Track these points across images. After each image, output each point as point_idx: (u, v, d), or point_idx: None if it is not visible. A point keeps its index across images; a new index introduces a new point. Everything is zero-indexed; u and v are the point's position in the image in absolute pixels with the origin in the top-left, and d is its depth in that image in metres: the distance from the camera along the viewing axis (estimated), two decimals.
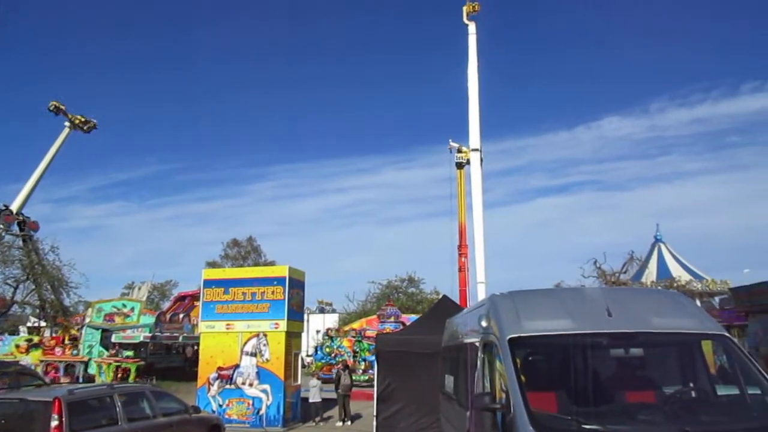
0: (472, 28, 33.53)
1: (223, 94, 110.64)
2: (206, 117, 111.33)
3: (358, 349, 29.86)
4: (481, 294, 29.03)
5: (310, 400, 17.08)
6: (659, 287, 30.78)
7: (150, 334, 28.29)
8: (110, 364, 24.66)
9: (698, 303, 29.57)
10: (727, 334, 5.26)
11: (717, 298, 32.47)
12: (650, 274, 35.83)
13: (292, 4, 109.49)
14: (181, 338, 31.31)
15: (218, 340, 16.58)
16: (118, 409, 8.74)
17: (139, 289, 39.65)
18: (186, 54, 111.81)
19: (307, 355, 35.89)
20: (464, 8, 33.55)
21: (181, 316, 32.36)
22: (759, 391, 4.73)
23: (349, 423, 16.38)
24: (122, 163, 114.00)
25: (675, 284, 32.79)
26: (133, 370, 24.74)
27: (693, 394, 5.53)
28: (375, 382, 12.56)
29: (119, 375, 24.03)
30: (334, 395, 17.24)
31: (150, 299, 46.30)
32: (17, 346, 26.91)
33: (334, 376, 18.19)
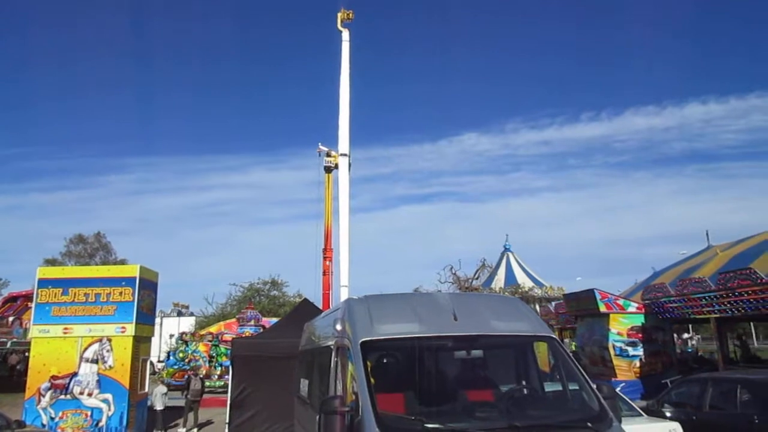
0: (345, 35, 33.94)
1: (75, 75, 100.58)
2: (51, 98, 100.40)
3: (214, 354, 28.67)
4: (345, 298, 29.33)
5: (155, 408, 16.12)
6: (506, 293, 33.30)
7: None
8: None
9: (537, 308, 32.58)
10: (554, 336, 5.84)
11: (554, 303, 35.84)
12: (499, 280, 38.63)
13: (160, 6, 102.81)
14: (9, 344, 27.90)
15: (53, 345, 14.99)
16: None
17: None
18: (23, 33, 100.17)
19: (159, 361, 33.77)
20: (339, 15, 33.99)
21: (10, 319, 28.83)
22: (577, 387, 5.33)
23: (195, 431, 15.74)
24: None
25: (519, 290, 35.70)
26: None
27: (525, 391, 6.05)
28: (229, 388, 12.18)
29: None
30: (182, 402, 16.49)
31: None
32: None
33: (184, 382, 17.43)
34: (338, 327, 5.74)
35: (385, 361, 5.73)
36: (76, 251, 53.39)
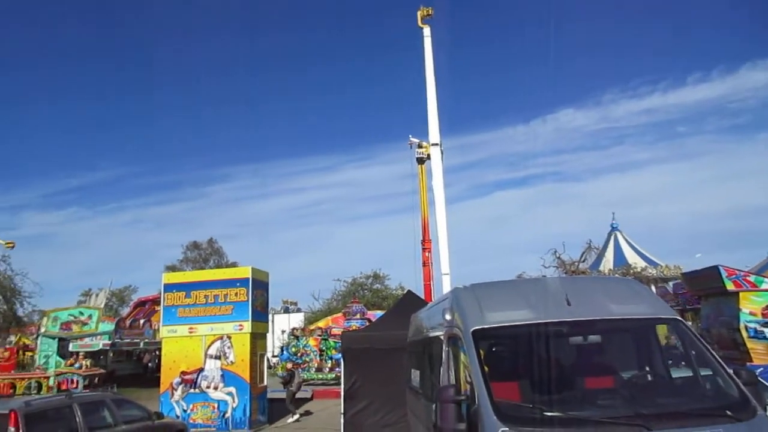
0: (426, 31, 34.57)
1: (174, 96, 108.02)
2: (158, 119, 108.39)
3: (324, 348, 29.74)
4: (446, 287, 29.33)
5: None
6: (616, 275, 31.65)
7: (109, 342, 27.56)
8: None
9: (653, 289, 30.62)
10: (679, 318, 5.46)
11: (671, 283, 33.55)
12: (607, 262, 36.74)
13: (248, 13, 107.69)
14: (142, 344, 30.58)
15: (181, 344, 16.28)
16: (78, 420, 8.53)
17: (97, 296, 38.51)
18: (136, 55, 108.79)
19: (273, 356, 35.54)
20: (418, 13, 34.61)
21: (141, 321, 31.57)
22: (710, 372, 4.93)
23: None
24: (74, 169, 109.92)
25: (631, 271, 33.73)
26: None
27: (649, 377, 5.71)
28: (341, 380, 12.55)
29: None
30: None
31: (109, 306, 45.05)
32: None
33: (285, 375, 18.43)
34: (447, 317, 5.71)
35: (496, 349, 5.65)
36: (192, 257, 57.32)
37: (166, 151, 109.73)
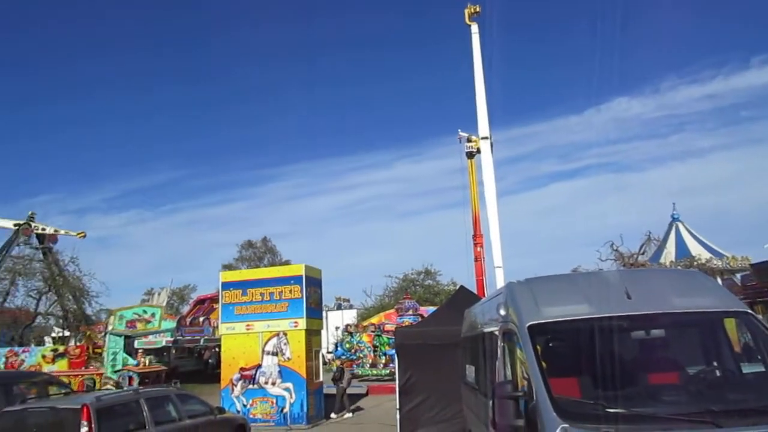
0: (474, 28, 34.51)
1: (227, 98, 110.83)
2: (213, 121, 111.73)
3: (377, 344, 29.94)
4: (499, 279, 29.14)
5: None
6: (679, 267, 30.42)
7: (172, 339, 28.61)
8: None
9: (719, 281, 29.27)
10: (749, 311, 5.19)
11: (738, 275, 32.02)
12: (669, 254, 35.34)
13: (292, 5, 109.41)
14: (202, 341, 31.64)
15: (239, 341, 16.74)
16: (145, 414, 8.88)
17: (159, 294, 40.09)
18: (191, 60, 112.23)
19: (328, 352, 36.06)
20: (465, 11, 34.41)
21: (201, 319, 32.65)
22: None
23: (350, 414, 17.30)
24: (133, 172, 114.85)
25: (695, 263, 32.34)
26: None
27: (718, 373, 5.46)
28: (396, 376, 12.59)
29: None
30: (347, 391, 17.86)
31: (170, 304, 46.79)
32: (44, 357, 27.34)
33: (336, 372, 18.70)
34: (501, 312, 5.63)
35: (553, 345, 5.53)
36: (247, 255, 58.75)
37: (220, 153, 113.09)
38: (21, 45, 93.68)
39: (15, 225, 40.15)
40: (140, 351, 27.43)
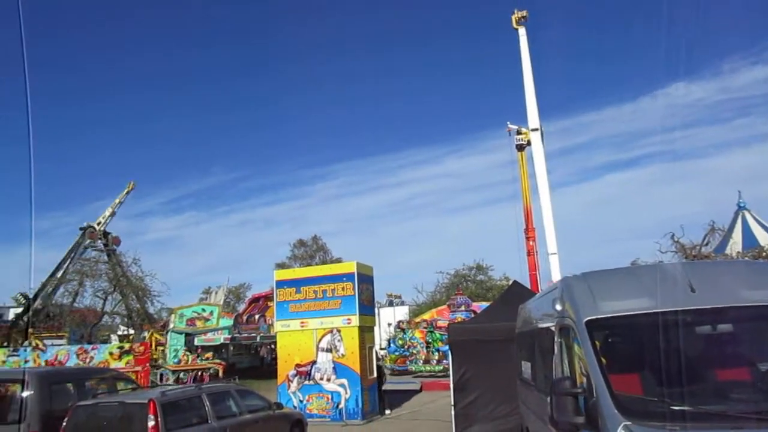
0: (522, 31, 34.69)
1: (278, 99, 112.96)
2: (263, 123, 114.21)
3: (430, 340, 29.90)
4: (554, 266, 28.78)
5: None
6: (746, 258, 29.00)
7: (229, 336, 29.45)
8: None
9: None
10: None
11: None
12: (735, 244, 33.72)
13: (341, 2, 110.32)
14: (258, 338, 32.40)
15: (294, 338, 17.06)
16: (207, 408, 9.20)
17: (216, 293, 41.29)
18: (241, 63, 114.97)
19: (381, 348, 36.28)
20: (513, 17, 34.36)
21: (256, 317, 33.46)
22: None
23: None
24: (188, 176, 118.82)
25: (764, 253, 30.76)
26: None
27: None
28: (450, 372, 12.55)
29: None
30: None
31: (226, 302, 48.16)
32: (111, 354, 28.69)
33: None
34: (558, 307, 5.52)
35: (612, 340, 5.37)
36: (299, 254, 59.73)
37: (270, 153, 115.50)
38: (68, 43, 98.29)
39: (81, 228, 42.32)
40: (184, 349, 28.02)
